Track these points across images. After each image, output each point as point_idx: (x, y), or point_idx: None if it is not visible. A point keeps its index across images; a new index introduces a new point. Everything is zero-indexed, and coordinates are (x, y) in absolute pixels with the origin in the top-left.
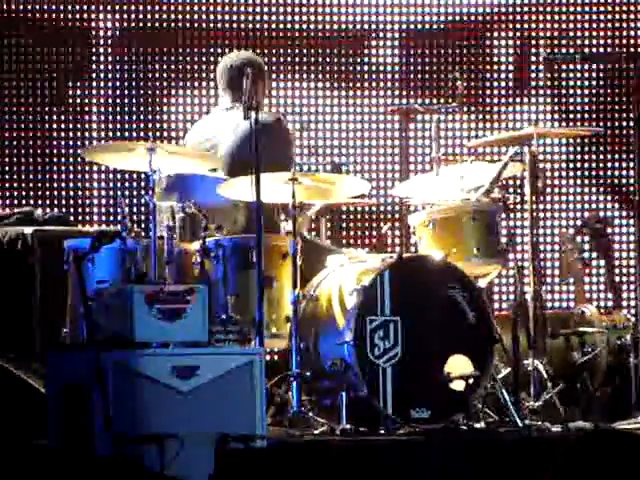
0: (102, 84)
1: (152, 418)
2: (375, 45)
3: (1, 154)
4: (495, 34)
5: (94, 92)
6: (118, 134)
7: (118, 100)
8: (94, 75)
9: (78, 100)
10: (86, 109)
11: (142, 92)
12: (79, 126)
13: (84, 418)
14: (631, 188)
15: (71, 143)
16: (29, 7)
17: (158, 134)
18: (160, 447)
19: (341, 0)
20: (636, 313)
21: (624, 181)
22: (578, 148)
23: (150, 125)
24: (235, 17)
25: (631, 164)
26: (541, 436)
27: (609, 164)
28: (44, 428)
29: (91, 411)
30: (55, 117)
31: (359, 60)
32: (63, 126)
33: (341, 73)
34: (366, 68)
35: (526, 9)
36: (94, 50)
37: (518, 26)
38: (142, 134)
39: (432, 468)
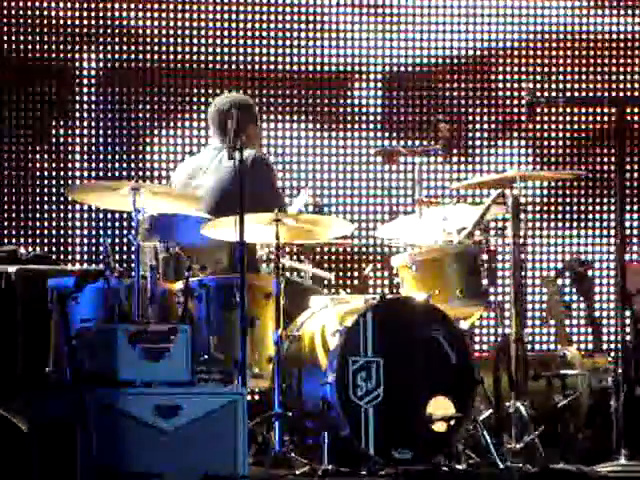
0: (86, 123)
1: (135, 457)
2: (359, 87)
3: None
4: (478, 77)
5: (77, 131)
6: (102, 173)
7: (102, 139)
8: (78, 114)
9: (62, 139)
10: (70, 148)
11: (126, 131)
12: (63, 165)
13: (67, 457)
14: (612, 232)
15: (55, 182)
16: (12, 45)
17: (142, 173)
18: None
19: (325, 42)
20: (617, 356)
21: (605, 224)
22: (560, 191)
23: (134, 165)
24: (219, 58)
25: (612, 207)
26: (522, 478)
27: (590, 207)
28: (27, 468)
29: (74, 450)
30: (39, 156)
31: (342, 101)
32: (47, 165)
33: (324, 114)
34: (349, 110)
35: (509, 52)
36: (78, 89)
37: (501, 69)
38: (126, 173)
39: None
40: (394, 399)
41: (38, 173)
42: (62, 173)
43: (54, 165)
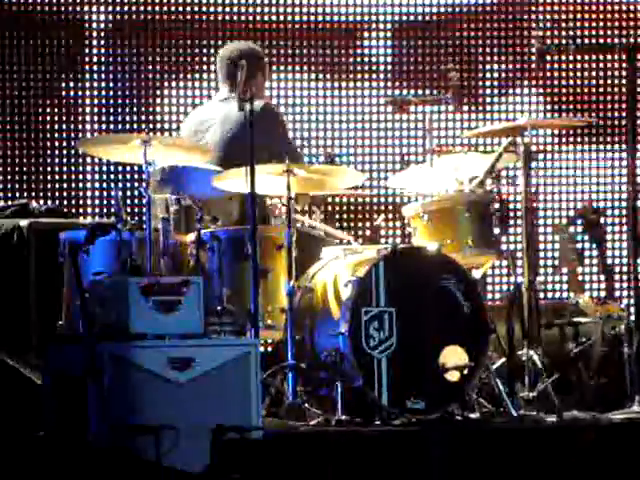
0: (96, 76)
1: (148, 409)
2: (368, 37)
3: None
4: (488, 25)
5: (88, 85)
6: (112, 127)
7: (112, 93)
8: (87, 68)
9: (72, 93)
10: (80, 102)
11: (136, 85)
12: (73, 119)
13: (80, 410)
14: (624, 179)
15: (65, 136)
16: (21, 1)
17: (152, 126)
18: (156, 438)
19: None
20: (629, 303)
21: (617, 171)
22: (571, 139)
23: (144, 117)
24: (228, 9)
25: (624, 155)
26: (536, 426)
27: (602, 154)
28: (40, 420)
29: (87, 403)
30: (49, 110)
31: (352, 52)
32: (57, 119)
33: (334, 65)
34: (359, 60)
35: (518, 0)
36: (87, 43)
37: (511, 17)
38: (136, 126)
39: (427, 458)
40: (407, 349)
41: (49, 127)
42: (72, 127)
43: (64, 119)
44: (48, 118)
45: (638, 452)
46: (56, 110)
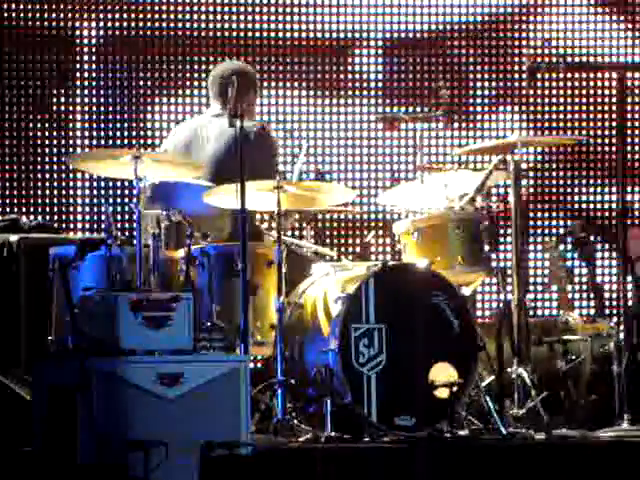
0: (86, 92)
1: (137, 425)
2: (359, 54)
3: None
4: (478, 43)
5: (78, 100)
6: (103, 142)
7: (102, 108)
8: (78, 82)
9: (62, 107)
10: (70, 117)
11: (127, 99)
12: (63, 134)
13: (69, 425)
14: (613, 197)
15: (55, 151)
16: (12, 15)
17: (143, 142)
18: (145, 454)
19: (325, 9)
20: (619, 321)
21: (606, 189)
22: (561, 157)
23: (135, 133)
24: (219, 25)
25: (613, 172)
26: (525, 444)
27: (592, 172)
28: (29, 436)
29: (76, 418)
30: (39, 125)
31: (343, 68)
32: (47, 134)
33: (325, 81)
34: (350, 76)
35: (509, 18)
36: (78, 57)
37: (502, 35)
38: (127, 142)
39: (416, 475)
40: (396, 366)
41: (39, 142)
42: (63, 142)
43: (55, 134)
44: (39, 133)
45: (627, 470)
46: (46, 125)
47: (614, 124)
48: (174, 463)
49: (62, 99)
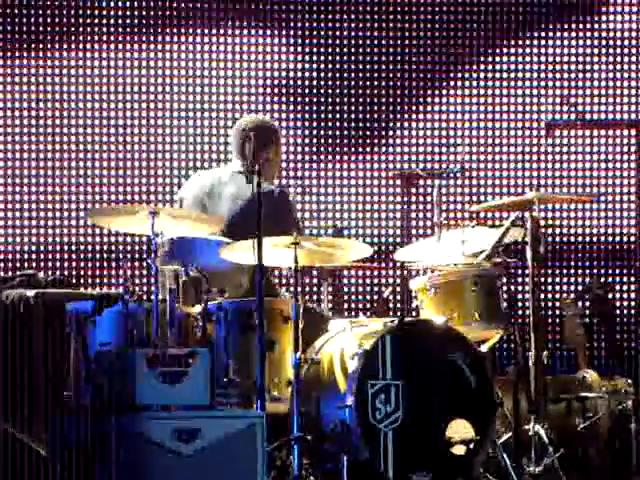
0: (105, 147)
1: None
2: (378, 110)
3: (4, 217)
4: (497, 100)
5: (97, 155)
6: (120, 197)
7: (120, 163)
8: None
9: (81, 163)
10: (89, 172)
11: (144, 155)
12: (82, 189)
13: None
14: (632, 254)
15: (73, 206)
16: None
17: (161, 197)
18: None
19: (344, 65)
20: (637, 378)
21: (625, 247)
22: (579, 213)
23: (152, 188)
24: (238, 82)
25: (632, 230)
26: None
27: (610, 230)
28: None
29: (94, 474)
30: (58, 180)
31: (361, 125)
32: (66, 189)
33: (344, 137)
34: (369, 133)
35: (528, 75)
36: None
37: (520, 92)
38: (144, 197)
39: None
40: (413, 422)
41: (57, 197)
42: (81, 197)
43: (73, 189)
44: (57, 189)
45: None
46: (64, 180)
47: (632, 181)
48: None
49: (81, 155)
